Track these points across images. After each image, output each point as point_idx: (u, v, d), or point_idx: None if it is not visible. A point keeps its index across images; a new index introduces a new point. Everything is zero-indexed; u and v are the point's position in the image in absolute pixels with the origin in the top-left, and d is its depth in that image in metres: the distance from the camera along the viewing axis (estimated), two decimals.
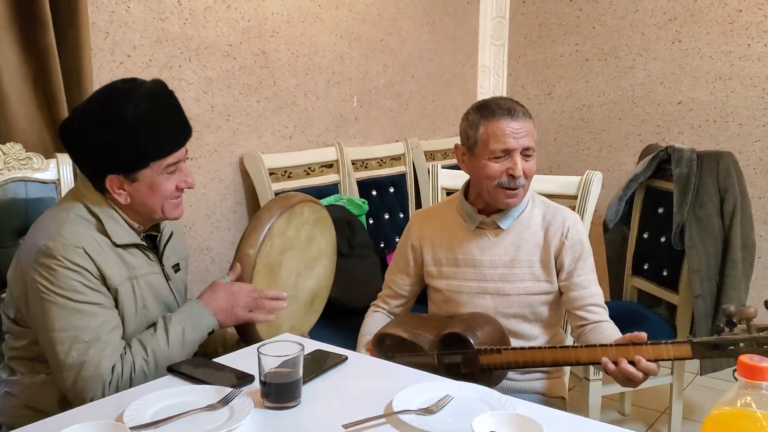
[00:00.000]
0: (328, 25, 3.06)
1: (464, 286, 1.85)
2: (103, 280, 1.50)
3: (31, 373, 1.56)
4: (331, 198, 2.89)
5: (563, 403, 1.90)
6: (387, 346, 1.76)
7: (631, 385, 1.53)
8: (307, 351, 1.51)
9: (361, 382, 1.45)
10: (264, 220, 1.76)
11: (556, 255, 1.81)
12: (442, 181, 2.43)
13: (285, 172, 2.85)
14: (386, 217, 3.29)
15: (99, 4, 2.24)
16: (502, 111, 1.72)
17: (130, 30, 2.34)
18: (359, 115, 3.31)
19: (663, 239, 2.86)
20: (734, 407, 0.81)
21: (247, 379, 1.40)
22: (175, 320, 1.57)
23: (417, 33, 3.59)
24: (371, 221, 3.19)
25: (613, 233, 3.12)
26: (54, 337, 1.45)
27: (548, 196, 1.96)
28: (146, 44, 2.39)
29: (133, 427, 1.18)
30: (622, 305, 2.94)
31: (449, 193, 2.40)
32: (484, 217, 1.83)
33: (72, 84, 2.06)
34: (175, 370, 1.47)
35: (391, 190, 3.33)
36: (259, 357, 1.30)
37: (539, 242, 1.82)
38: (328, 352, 1.56)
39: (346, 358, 1.54)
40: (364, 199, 3.05)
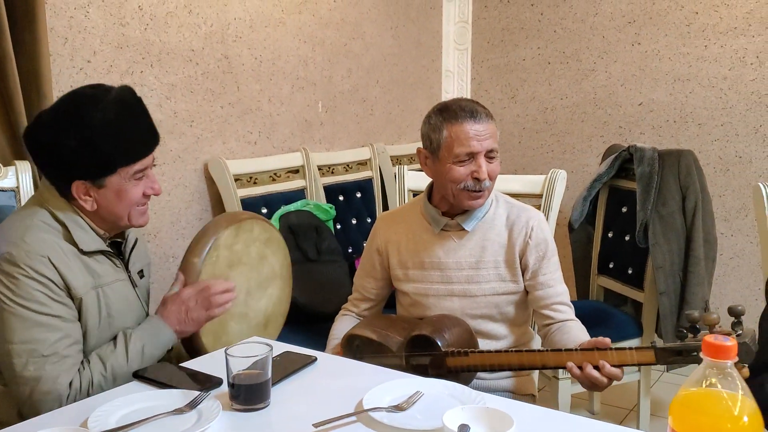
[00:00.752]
0: (291, 30, 3.05)
1: (431, 289, 1.85)
2: (68, 290, 1.46)
3: None
4: (298, 203, 2.87)
5: (533, 400, 1.91)
6: (356, 347, 1.75)
7: (595, 389, 1.55)
8: (276, 353, 1.50)
9: (331, 381, 1.44)
10: (210, 231, 1.73)
11: (521, 255, 1.81)
12: (408, 183, 2.44)
13: (250, 178, 2.82)
14: (354, 222, 3.28)
15: (57, 9, 2.21)
16: (465, 114, 1.71)
17: (89, 35, 2.30)
18: (324, 121, 3.30)
19: (627, 238, 2.90)
20: (700, 388, 0.82)
21: (215, 382, 1.38)
22: (135, 336, 1.54)
23: (380, 38, 3.60)
24: (339, 226, 3.18)
25: (578, 233, 3.16)
26: (11, 349, 1.42)
27: (514, 195, 1.97)
28: (107, 50, 2.36)
29: None
30: (589, 304, 2.97)
31: (416, 194, 2.40)
32: (448, 220, 1.83)
33: (30, 90, 2.02)
34: (141, 375, 1.44)
35: (358, 195, 3.33)
36: (227, 359, 1.29)
37: (503, 242, 1.82)
38: (297, 354, 1.55)
39: (316, 359, 1.53)
40: (331, 205, 3.04)
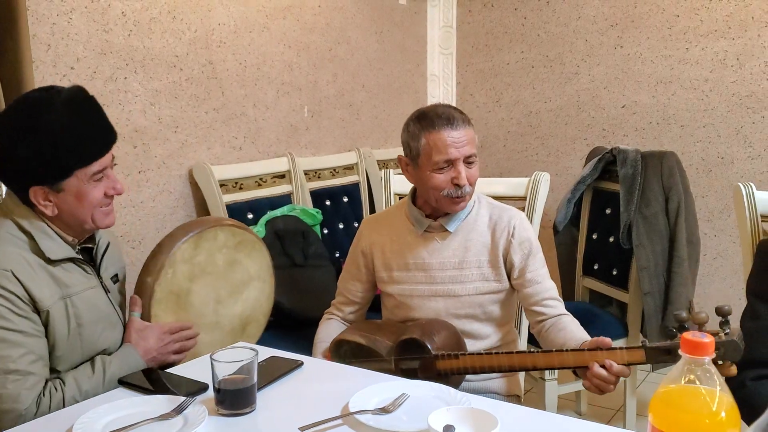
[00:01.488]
0: (275, 35, 3.05)
1: (415, 290, 1.86)
2: (33, 303, 1.43)
3: None
4: (285, 208, 2.88)
5: (519, 401, 1.91)
6: (344, 352, 1.75)
7: (604, 391, 1.50)
8: (262, 358, 1.50)
9: (317, 385, 1.44)
10: (165, 247, 1.70)
11: (505, 254, 1.83)
12: (395, 187, 2.45)
13: (236, 183, 2.82)
14: (341, 226, 3.28)
15: (39, 16, 2.20)
16: (442, 121, 1.72)
17: (72, 42, 2.30)
18: (310, 125, 3.31)
19: (611, 239, 2.92)
20: (679, 384, 0.83)
21: (201, 388, 1.38)
22: (115, 366, 1.51)
23: (365, 42, 3.61)
24: (326, 231, 3.18)
25: (563, 235, 3.18)
26: None
27: (498, 198, 1.99)
28: (90, 56, 2.35)
29: None
30: (575, 305, 2.98)
31: (401, 198, 2.41)
32: (431, 221, 1.84)
33: (13, 97, 2.01)
34: (126, 382, 1.44)
35: (345, 200, 3.33)
36: (213, 364, 1.29)
37: (487, 243, 1.84)
38: (283, 359, 1.56)
39: (302, 364, 1.53)
40: (317, 209, 3.04)
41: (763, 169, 3.21)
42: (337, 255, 3.19)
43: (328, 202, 3.24)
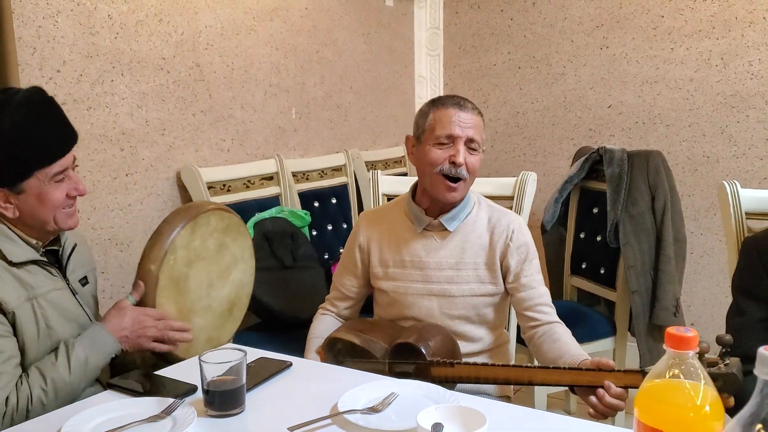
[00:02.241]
0: (262, 37, 3.05)
1: (410, 288, 1.87)
2: None
3: None
4: (273, 210, 2.87)
5: (508, 402, 1.92)
6: (338, 351, 1.74)
7: (609, 415, 1.47)
8: (251, 359, 1.50)
9: (306, 386, 1.45)
10: (165, 233, 1.70)
11: (502, 258, 1.84)
12: (383, 188, 2.45)
13: (224, 185, 2.82)
14: (329, 228, 3.29)
15: (25, 19, 2.19)
16: (452, 101, 1.79)
17: (58, 45, 2.29)
18: (298, 127, 3.31)
19: (599, 238, 2.94)
20: (663, 379, 0.84)
21: (190, 389, 1.38)
22: (78, 347, 1.49)
23: (353, 44, 3.62)
24: (314, 233, 3.18)
25: (550, 235, 3.19)
26: None
27: (485, 197, 2.00)
28: (76, 59, 2.34)
29: None
30: (563, 304, 3.00)
31: (390, 199, 2.42)
32: (431, 219, 1.85)
33: None
34: (114, 385, 1.43)
35: (334, 201, 3.33)
36: (201, 365, 1.29)
37: (485, 245, 1.84)
38: (272, 359, 1.56)
39: (291, 364, 1.53)
40: (306, 211, 3.04)
41: (747, 168, 3.24)
42: (326, 257, 3.19)
43: (317, 204, 3.24)
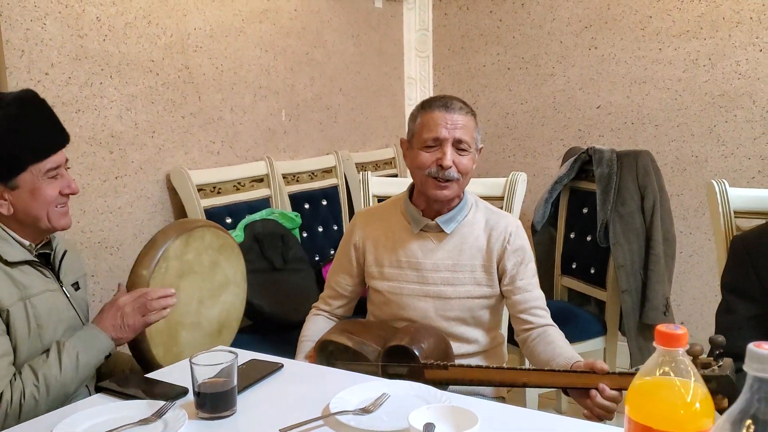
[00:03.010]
0: (252, 39, 3.05)
1: (406, 288, 1.86)
2: None
3: None
4: (263, 212, 2.87)
5: (503, 402, 1.92)
6: (329, 353, 1.74)
7: (606, 418, 1.47)
8: (242, 361, 1.49)
9: (298, 387, 1.44)
10: (159, 242, 1.71)
11: (498, 260, 1.84)
12: (373, 190, 2.45)
13: (214, 188, 2.81)
14: (320, 229, 3.28)
15: (13, 22, 2.18)
16: (438, 103, 1.78)
17: (47, 47, 2.28)
18: (288, 129, 3.30)
19: (589, 238, 2.95)
20: (654, 377, 0.84)
21: (181, 392, 1.38)
22: (69, 345, 1.50)
23: (342, 46, 3.62)
24: (305, 234, 3.17)
25: (541, 235, 3.20)
26: None
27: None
28: (65, 61, 2.33)
29: None
30: (554, 304, 2.97)
31: (381, 200, 2.42)
32: (428, 221, 1.85)
33: None
34: (105, 388, 1.43)
35: (324, 203, 3.33)
36: (192, 368, 1.28)
37: (482, 247, 1.84)
38: (263, 361, 1.55)
39: (282, 366, 1.53)
40: (296, 213, 3.04)
41: (735, 167, 3.26)
42: (317, 258, 3.19)
43: (307, 206, 3.24)
